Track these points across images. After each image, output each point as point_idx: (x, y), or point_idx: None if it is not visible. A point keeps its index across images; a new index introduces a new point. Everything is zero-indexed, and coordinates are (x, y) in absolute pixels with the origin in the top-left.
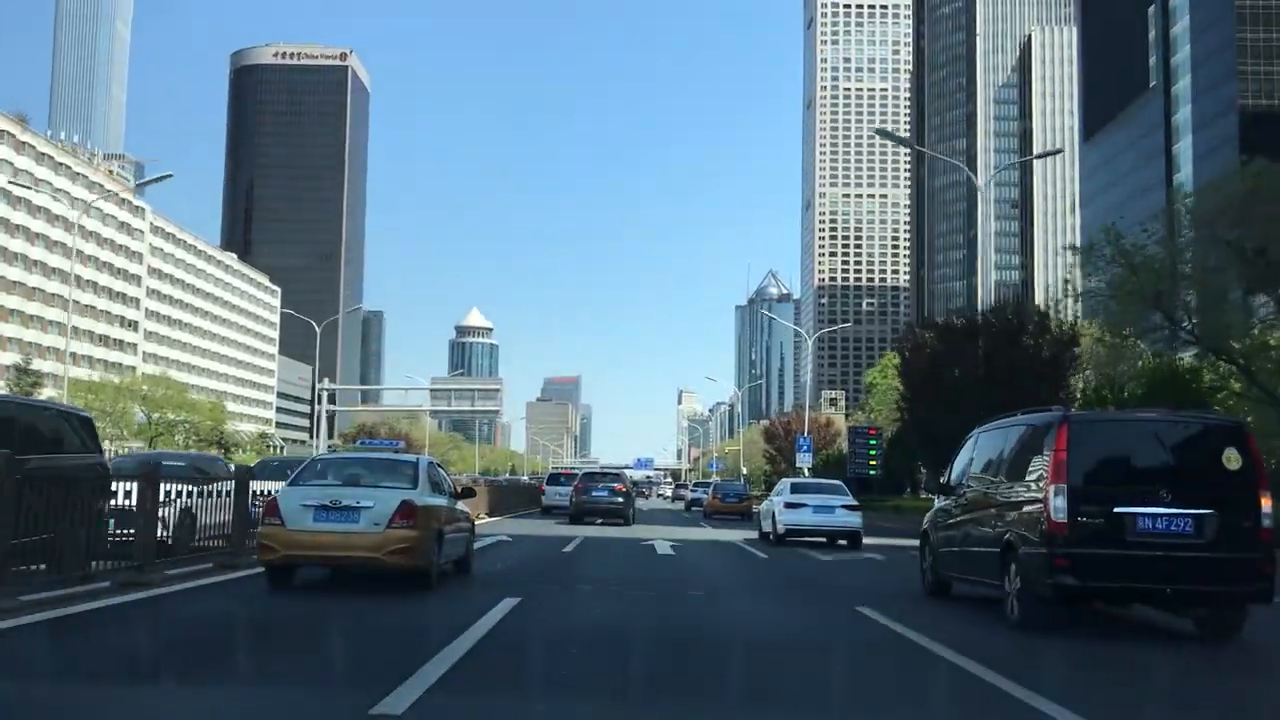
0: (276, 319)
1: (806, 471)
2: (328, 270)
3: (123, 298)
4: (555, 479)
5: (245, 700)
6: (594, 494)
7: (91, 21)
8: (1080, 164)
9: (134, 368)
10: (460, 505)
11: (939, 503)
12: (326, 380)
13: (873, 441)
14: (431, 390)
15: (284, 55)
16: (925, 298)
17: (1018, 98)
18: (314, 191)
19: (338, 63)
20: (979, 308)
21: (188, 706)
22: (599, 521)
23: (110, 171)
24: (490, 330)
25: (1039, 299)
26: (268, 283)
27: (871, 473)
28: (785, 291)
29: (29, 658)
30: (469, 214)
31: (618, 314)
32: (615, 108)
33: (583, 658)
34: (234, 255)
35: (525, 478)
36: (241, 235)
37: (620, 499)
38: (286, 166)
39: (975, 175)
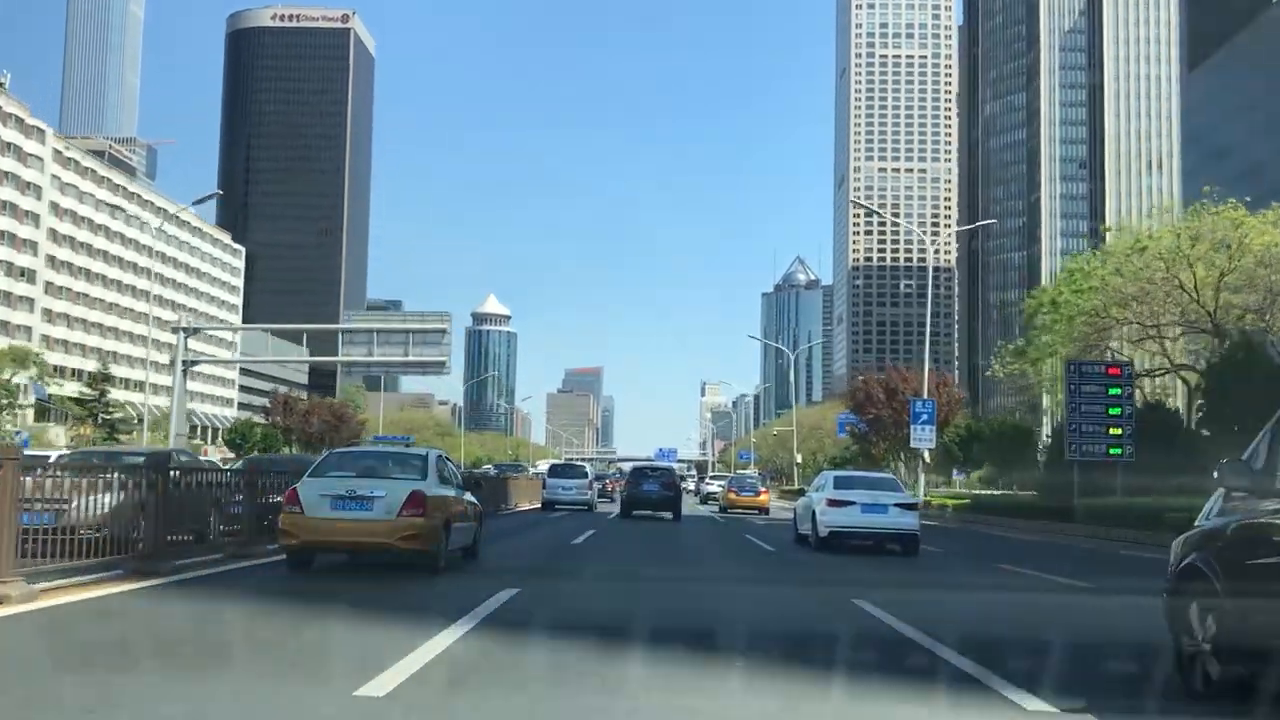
0: (240, 283)
1: (927, 456)
2: (329, 247)
3: (12, 239)
4: (557, 471)
5: None
6: (644, 488)
7: (104, 6)
8: (1183, 98)
9: (29, 328)
10: (468, 496)
11: (1217, 516)
12: (184, 318)
13: (1115, 391)
14: (344, 330)
15: (282, 17)
16: (980, 271)
17: (1086, 45)
18: (314, 163)
19: (339, 25)
20: None
21: None
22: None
23: None
24: (508, 318)
25: None
26: (229, 241)
27: (1115, 450)
28: (813, 277)
29: None
30: (486, 196)
31: (640, 304)
32: (637, 85)
33: None
34: (188, 207)
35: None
36: (238, 208)
37: (670, 493)
38: (285, 135)
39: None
